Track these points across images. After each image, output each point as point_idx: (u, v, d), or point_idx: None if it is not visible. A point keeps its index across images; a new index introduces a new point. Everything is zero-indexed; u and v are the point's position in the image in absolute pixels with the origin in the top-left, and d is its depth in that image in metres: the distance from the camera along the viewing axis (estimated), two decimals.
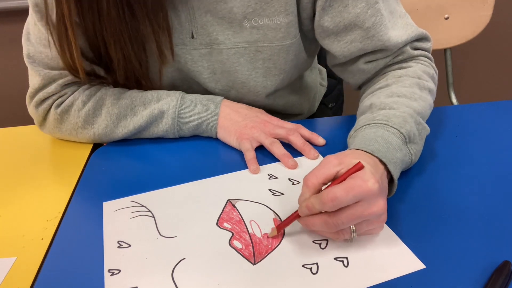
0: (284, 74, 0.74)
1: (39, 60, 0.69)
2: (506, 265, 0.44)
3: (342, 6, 0.64)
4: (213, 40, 0.69)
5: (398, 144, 0.54)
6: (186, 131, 0.71)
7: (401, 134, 0.55)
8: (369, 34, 0.66)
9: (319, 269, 0.46)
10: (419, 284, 0.44)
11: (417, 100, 0.62)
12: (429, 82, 0.66)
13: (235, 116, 0.70)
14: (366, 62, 0.70)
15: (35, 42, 0.69)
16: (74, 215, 0.58)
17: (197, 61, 0.72)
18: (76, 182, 0.64)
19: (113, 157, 0.69)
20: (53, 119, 0.72)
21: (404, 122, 0.57)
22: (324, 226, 0.46)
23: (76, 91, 0.72)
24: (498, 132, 0.69)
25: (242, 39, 0.68)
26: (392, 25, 0.67)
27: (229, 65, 0.71)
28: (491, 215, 0.52)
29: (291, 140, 0.67)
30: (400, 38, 0.67)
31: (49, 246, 0.53)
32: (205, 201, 0.58)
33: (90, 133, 0.71)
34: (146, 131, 0.71)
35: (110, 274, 0.48)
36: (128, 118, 0.70)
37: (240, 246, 0.50)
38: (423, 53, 0.71)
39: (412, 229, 0.51)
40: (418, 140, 0.58)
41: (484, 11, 1.17)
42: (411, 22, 0.69)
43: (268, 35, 0.68)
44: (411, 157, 0.57)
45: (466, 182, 0.58)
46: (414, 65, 0.69)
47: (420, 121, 0.59)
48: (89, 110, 0.70)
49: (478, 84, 1.87)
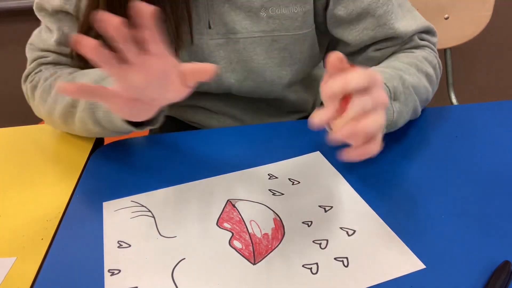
0: (299, 64, 0.75)
1: (35, 43, 0.74)
2: (506, 265, 0.44)
3: None
4: (230, 30, 0.70)
5: None
6: (101, 113, 0.62)
7: (387, 87, 0.57)
8: (380, 22, 0.68)
9: (319, 269, 0.46)
10: (419, 284, 0.44)
11: (411, 75, 0.63)
12: (428, 68, 0.68)
13: None
14: (375, 50, 0.72)
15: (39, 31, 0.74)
16: (74, 215, 0.58)
17: (214, 51, 0.73)
18: (76, 182, 0.64)
19: (113, 157, 0.69)
20: (28, 96, 0.74)
21: (392, 79, 0.58)
22: (368, 101, 0.43)
23: (47, 70, 0.73)
24: (498, 132, 0.69)
25: (258, 29, 0.70)
26: (402, 15, 0.70)
27: (246, 54, 0.72)
28: (491, 215, 0.52)
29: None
30: (409, 27, 0.69)
31: (49, 246, 0.53)
32: (205, 201, 0.58)
33: (44, 111, 0.70)
34: (74, 113, 0.65)
35: (110, 274, 0.48)
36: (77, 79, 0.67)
37: (240, 246, 0.50)
38: (429, 45, 0.73)
39: (412, 229, 0.51)
40: (403, 101, 0.59)
41: (484, 11, 1.17)
42: (418, 15, 0.72)
43: (284, 24, 0.69)
44: (393, 114, 0.57)
45: (466, 182, 0.58)
46: (418, 52, 0.71)
47: (409, 87, 0.61)
48: (45, 87, 0.70)
49: (478, 84, 1.87)
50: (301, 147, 0.68)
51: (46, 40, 0.73)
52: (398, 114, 0.58)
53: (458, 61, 1.70)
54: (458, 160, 0.62)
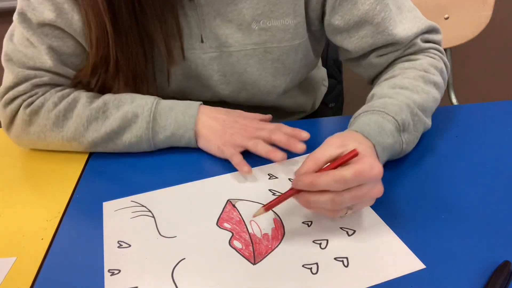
0: (293, 74, 0.75)
1: (16, 59, 0.67)
2: (506, 265, 0.44)
3: (352, 4, 0.66)
4: (223, 43, 0.70)
5: (391, 130, 0.56)
6: (161, 137, 0.67)
7: (395, 121, 0.57)
8: (379, 29, 0.67)
9: (319, 269, 0.46)
10: (419, 284, 0.44)
11: (419, 92, 0.62)
12: (435, 76, 0.67)
13: (213, 123, 0.68)
14: (377, 56, 0.71)
15: (16, 43, 0.67)
16: (74, 215, 0.58)
17: (207, 65, 0.72)
18: (76, 182, 0.64)
19: (113, 157, 0.69)
20: (21, 120, 0.68)
21: (400, 110, 0.58)
22: (329, 203, 0.48)
23: (48, 92, 0.69)
24: (498, 132, 0.69)
25: (251, 41, 0.69)
26: (401, 19, 0.69)
27: (239, 66, 0.72)
28: (491, 215, 0.52)
29: (274, 139, 0.64)
30: (410, 31, 0.68)
31: (49, 246, 0.53)
32: (205, 201, 0.58)
33: (59, 137, 0.67)
34: (119, 138, 0.67)
35: (110, 274, 0.48)
36: (100, 121, 0.66)
37: (240, 246, 0.50)
38: (433, 46, 0.72)
39: (412, 229, 0.51)
40: (412, 130, 0.59)
41: (484, 11, 1.17)
42: (420, 15, 0.71)
43: (276, 36, 0.69)
44: (402, 145, 0.58)
45: (466, 182, 0.58)
46: (422, 58, 0.69)
47: (417, 113, 0.60)
48: (59, 111, 0.66)
49: (478, 84, 1.87)
50: None
51: (35, 57, 0.67)
52: (407, 144, 0.59)
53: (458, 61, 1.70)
54: (458, 160, 0.62)
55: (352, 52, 0.71)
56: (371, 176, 0.47)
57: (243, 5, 0.66)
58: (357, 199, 0.48)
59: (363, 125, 0.56)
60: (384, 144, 0.55)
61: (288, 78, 0.75)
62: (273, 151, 0.63)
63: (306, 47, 0.74)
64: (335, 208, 0.48)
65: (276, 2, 0.66)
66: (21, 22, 0.65)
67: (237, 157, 0.63)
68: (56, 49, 0.67)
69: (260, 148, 0.64)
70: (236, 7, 0.66)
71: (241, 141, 0.65)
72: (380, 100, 0.61)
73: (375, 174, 0.47)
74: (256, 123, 0.69)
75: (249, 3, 0.66)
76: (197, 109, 0.67)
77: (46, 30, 0.66)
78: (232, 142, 0.65)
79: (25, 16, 0.65)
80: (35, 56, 0.67)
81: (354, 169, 0.46)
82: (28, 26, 0.65)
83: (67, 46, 0.68)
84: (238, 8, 0.66)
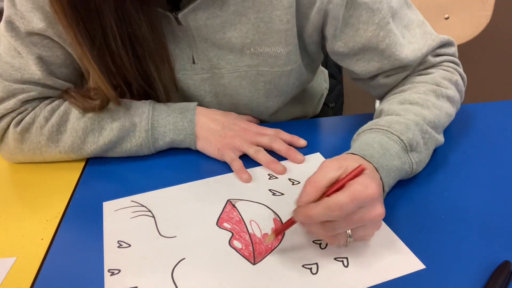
0: (286, 95, 0.74)
1: (3, 70, 0.64)
2: (506, 265, 0.44)
3: (354, 31, 0.63)
4: (215, 65, 0.68)
5: (397, 152, 0.53)
6: (161, 143, 0.67)
7: (401, 141, 0.54)
8: (385, 55, 0.64)
9: (319, 269, 0.46)
10: (419, 284, 0.44)
11: (429, 108, 0.59)
12: (449, 90, 0.64)
13: (213, 125, 0.68)
14: (386, 77, 0.68)
15: (2, 52, 0.65)
16: (74, 215, 0.58)
17: (199, 86, 0.71)
18: (76, 182, 0.64)
19: (113, 158, 0.69)
20: (12, 139, 0.65)
21: (407, 129, 0.55)
22: (321, 228, 0.46)
23: (37, 107, 0.66)
24: (498, 132, 0.69)
25: (243, 63, 0.67)
26: (409, 38, 0.65)
27: (231, 88, 0.70)
28: (491, 215, 0.52)
29: (275, 147, 0.66)
30: (419, 52, 0.65)
31: (49, 246, 0.53)
32: (205, 201, 0.58)
33: (56, 151, 0.66)
34: (118, 147, 0.67)
35: (110, 274, 0.48)
36: (96, 132, 0.65)
37: (240, 246, 0.50)
38: (447, 59, 0.69)
39: (412, 229, 0.51)
40: (422, 149, 0.56)
41: (484, 11, 1.17)
42: (430, 31, 0.67)
43: (268, 61, 0.67)
44: (412, 166, 0.55)
45: (466, 182, 0.58)
46: (435, 72, 0.66)
47: (428, 130, 0.57)
48: (52, 126, 0.65)
49: (478, 84, 1.87)
50: (301, 148, 0.68)
51: (23, 69, 0.64)
52: (417, 164, 0.55)
53: None
54: (458, 160, 0.62)
55: (359, 75, 0.69)
56: (367, 196, 0.44)
57: (232, 34, 0.64)
58: (353, 223, 0.45)
59: (365, 145, 0.53)
60: (390, 167, 0.52)
61: (281, 99, 0.74)
62: (274, 162, 0.63)
63: (300, 71, 0.72)
64: (329, 234, 0.46)
65: (265, 32, 0.64)
66: (8, 30, 0.62)
67: (237, 163, 0.63)
68: (45, 59, 0.65)
69: (260, 156, 0.64)
70: (224, 36, 0.64)
71: (241, 144, 0.65)
72: (386, 117, 0.58)
73: (371, 194, 0.44)
74: (255, 127, 0.69)
75: (238, 32, 0.64)
76: (194, 112, 0.68)
77: (35, 39, 0.63)
78: (232, 145, 0.65)
79: (13, 24, 0.62)
80: (22, 67, 0.64)
81: (348, 192, 0.44)
82: (16, 35, 0.62)
83: (57, 56, 0.65)
84: (226, 36, 0.64)
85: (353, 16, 0.62)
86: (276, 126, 0.70)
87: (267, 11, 0.62)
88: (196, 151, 0.69)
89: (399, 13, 0.64)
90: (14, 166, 0.70)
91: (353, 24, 0.63)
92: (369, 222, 0.46)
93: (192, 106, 0.68)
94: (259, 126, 0.70)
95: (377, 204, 0.46)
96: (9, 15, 0.62)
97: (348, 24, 0.63)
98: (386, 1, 0.62)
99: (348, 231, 0.46)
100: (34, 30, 0.62)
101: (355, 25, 0.63)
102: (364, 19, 0.62)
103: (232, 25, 0.63)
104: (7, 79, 0.65)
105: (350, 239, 0.46)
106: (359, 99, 1.59)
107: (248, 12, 0.62)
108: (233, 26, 0.63)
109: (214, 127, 0.68)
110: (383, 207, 0.46)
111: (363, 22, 0.62)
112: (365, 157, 0.51)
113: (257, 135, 0.67)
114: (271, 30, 0.63)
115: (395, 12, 0.64)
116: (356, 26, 0.63)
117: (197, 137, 0.67)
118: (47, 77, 0.65)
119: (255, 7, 0.62)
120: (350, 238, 0.46)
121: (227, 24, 0.63)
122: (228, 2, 0.61)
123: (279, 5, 0.61)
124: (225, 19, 0.62)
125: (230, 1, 0.61)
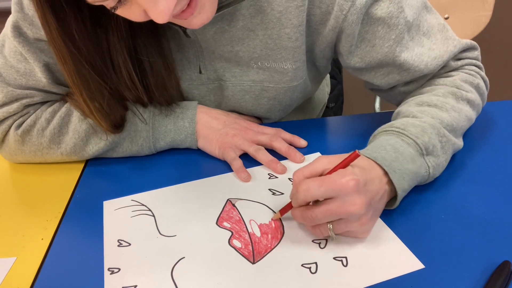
0: (288, 108, 0.74)
1: (7, 74, 0.64)
2: (506, 265, 0.44)
3: (370, 46, 0.62)
4: (220, 76, 0.68)
5: (411, 155, 0.52)
6: (162, 143, 0.67)
7: (416, 144, 0.53)
8: (403, 68, 0.63)
9: (318, 269, 0.46)
10: (419, 284, 0.44)
11: (448, 110, 0.58)
12: (469, 93, 0.62)
13: (214, 124, 0.68)
14: (405, 84, 0.67)
15: (8, 56, 0.64)
16: (74, 215, 0.58)
17: (204, 96, 0.71)
18: (76, 182, 0.64)
19: (113, 157, 0.69)
20: (13, 141, 0.66)
21: (423, 132, 0.54)
22: (301, 218, 0.49)
23: (39, 109, 0.67)
24: (498, 132, 0.69)
25: (248, 78, 0.67)
26: (430, 45, 0.63)
27: (234, 101, 0.70)
28: (491, 215, 0.52)
29: (275, 146, 0.66)
30: (440, 60, 0.63)
31: (49, 246, 0.53)
32: (205, 201, 0.58)
33: (57, 153, 0.66)
34: (119, 148, 0.67)
35: (110, 272, 0.48)
36: (98, 133, 0.65)
37: (240, 245, 0.50)
38: (469, 62, 0.67)
39: (412, 229, 0.51)
40: (439, 153, 0.54)
41: (484, 11, 1.17)
42: (451, 36, 0.65)
43: (274, 76, 0.66)
44: (428, 170, 0.53)
45: (466, 182, 0.58)
46: (455, 75, 0.65)
47: (445, 134, 0.56)
48: (54, 128, 0.65)
49: None
50: (301, 148, 0.68)
51: (28, 74, 0.63)
52: (434, 169, 0.54)
53: None
54: (458, 159, 0.62)
55: (379, 86, 0.68)
56: (337, 187, 0.45)
57: (239, 48, 0.63)
58: (329, 214, 0.46)
59: (378, 147, 0.52)
60: (403, 170, 0.50)
61: (283, 113, 0.74)
62: (274, 162, 0.63)
63: (305, 85, 0.71)
64: (308, 223, 0.48)
65: (273, 48, 0.63)
66: (16, 36, 0.61)
67: (237, 162, 0.63)
68: (51, 67, 0.64)
69: (261, 155, 0.64)
70: (232, 49, 0.64)
71: (242, 143, 0.66)
72: (402, 119, 0.57)
73: (342, 184, 0.45)
74: (256, 126, 0.69)
75: (246, 47, 0.63)
76: (195, 110, 0.68)
77: (42, 46, 0.62)
78: (233, 144, 0.66)
79: (21, 30, 0.61)
80: (28, 73, 0.63)
81: (320, 179, 0.46)
82: (24, 40, 0.61)
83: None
84: (234, 50, 0.64)
85: (369, 31, 0.61)
86: (277, 126, 0.70)
87: (275, 28, 0.61)
88: (196, 150, 0.69)
89: (417, 21, 0.63)
90: (15, 167, 0.70)
91: (369, 39, 0.61)
92: (345, 215, 0.46)
93: (193, 105, 0.69)
94: (260, 125, 0.70)
95: (354, 197, 0.45)
96: (17, 20, 0.60)
97: (365, 40, 0.62)
98: (402, 16, 0.60)
99: (330, 225, 0.47)
100: (42, 37, 0.60)
101: (371, 41, 0.61)
102: (380, 34, 0.60)
103: (240, 40, 0.63)
104: (10, 83, 0.64)
105: (332, 232, 0.47)
106: (359, 99, 1.59)
107: (256, 28, 0.61)
108: (241, 41, 0.63)
109: (216, 125, 0.68)
110: (363, 201, 0.45)
111: (380, 37, 0.61)
112: (376, 160, 0.50)
113: (258, 134, 0.67)
114: (279, 47, 0.63)
115: (413, 23, 0.62)
116: (373, 41, 0.61)
117: (198, 136, 0.67)
118: (52, 85, 0.65)
119: (264, 23, 0.61)
120: (331, 232, 0.47)
121: (235, 38, 0.63)
122: (236, 17, 0.60)
123: (288, 23, 0.60)
124: (233, 34, 0.62)
125: (238, 17, 0.60)
